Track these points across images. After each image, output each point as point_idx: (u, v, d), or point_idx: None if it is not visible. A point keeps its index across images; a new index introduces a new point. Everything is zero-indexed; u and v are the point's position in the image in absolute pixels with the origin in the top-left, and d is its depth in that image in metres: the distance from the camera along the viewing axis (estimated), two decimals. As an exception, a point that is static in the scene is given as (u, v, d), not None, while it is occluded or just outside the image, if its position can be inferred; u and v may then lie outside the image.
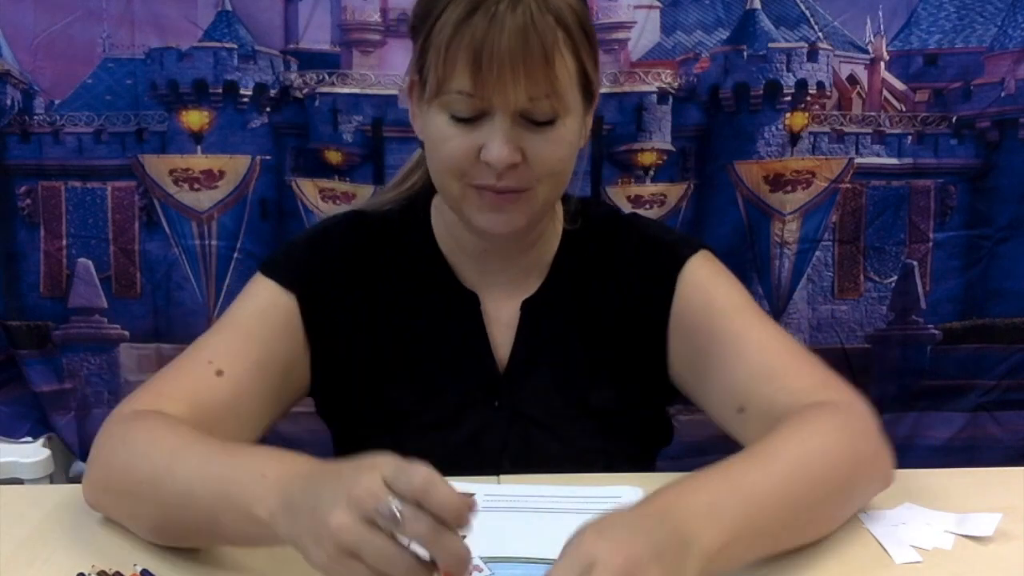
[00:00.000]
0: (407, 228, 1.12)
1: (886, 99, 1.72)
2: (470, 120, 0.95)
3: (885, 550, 0.89)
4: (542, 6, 0.92)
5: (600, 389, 1.10)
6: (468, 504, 0.69)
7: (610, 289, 1.11)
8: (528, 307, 1.10)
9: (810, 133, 1.72)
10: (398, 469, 0.70)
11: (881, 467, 0.96)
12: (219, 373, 1.00)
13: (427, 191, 1.11)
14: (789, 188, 1.73)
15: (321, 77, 1.71)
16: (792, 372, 1.01)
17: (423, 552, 0.69)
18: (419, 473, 0.68)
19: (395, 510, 0.67)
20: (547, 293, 1.11)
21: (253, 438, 1.04)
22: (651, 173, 1.74)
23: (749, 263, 1.75)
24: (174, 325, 1.77)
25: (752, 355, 1.02)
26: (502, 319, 1.10)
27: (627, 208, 1.74)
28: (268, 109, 1.73)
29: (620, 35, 1.70)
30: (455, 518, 0.68)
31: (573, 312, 1.11)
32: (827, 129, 1.72)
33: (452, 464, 1.03)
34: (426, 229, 1.11)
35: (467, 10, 0.91)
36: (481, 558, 0.86)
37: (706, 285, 1.08)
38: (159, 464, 0.87)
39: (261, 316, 1.05)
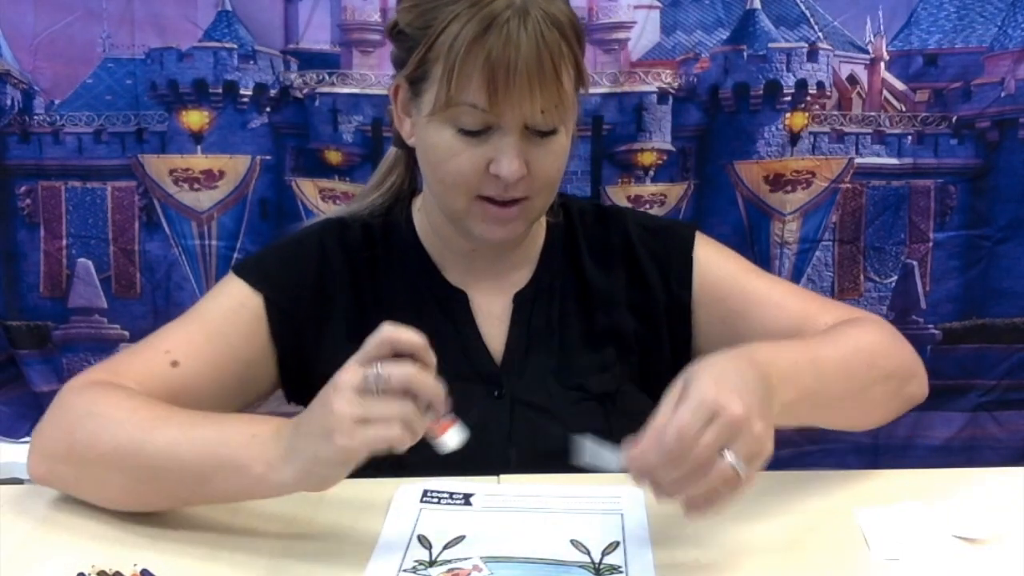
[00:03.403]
0: (390, 231, 1.13)
1: (886, 99, 1.72)
2: (477, 133, 0.97)
3: (868, 545, 0.89)
4: (548, 20, 0.94)
5: (599, 372, 1.11)
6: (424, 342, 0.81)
7: (614, 275, 1.13)
8: (520, 298, 1.12)
9: (810, 133, 1.72)
10: (362, 349, 0.81)
11: (918, 371, 1.08)
12: (174, 364, 1.02)
13: (407, 193, 1.14)
14: (789, 188, 1.73)
15: (321, 77, 1.72)
16: (827, 309, 1.12)
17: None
18: (379, 333, 0.81)
19: (378, 370, 0.79)
20: (538, 283, 1.13)
21: None
22: (651, 173, 1.74)
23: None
24: (174, 325, 1.77)
25: (790, 303, 1.12)
26: (494, 313, 1.12)
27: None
28: (268, 109, 1.73)
29: (620, 35, 1.70)
30: (423, 354, 0.81)
31: (569, 299, 1.13)
32: (827, 129, 1.72)
33: (456, 456, 1.04)
34: (410, 231, 1.13)
35: (481, 27, 0.93)
36: (481, 558, 0.86)
37: (719, 258, 1.16)
38: (135, 432, 0.90)
39: (226, 314, 1.07)
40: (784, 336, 1.08)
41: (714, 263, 1.14)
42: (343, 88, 1.71)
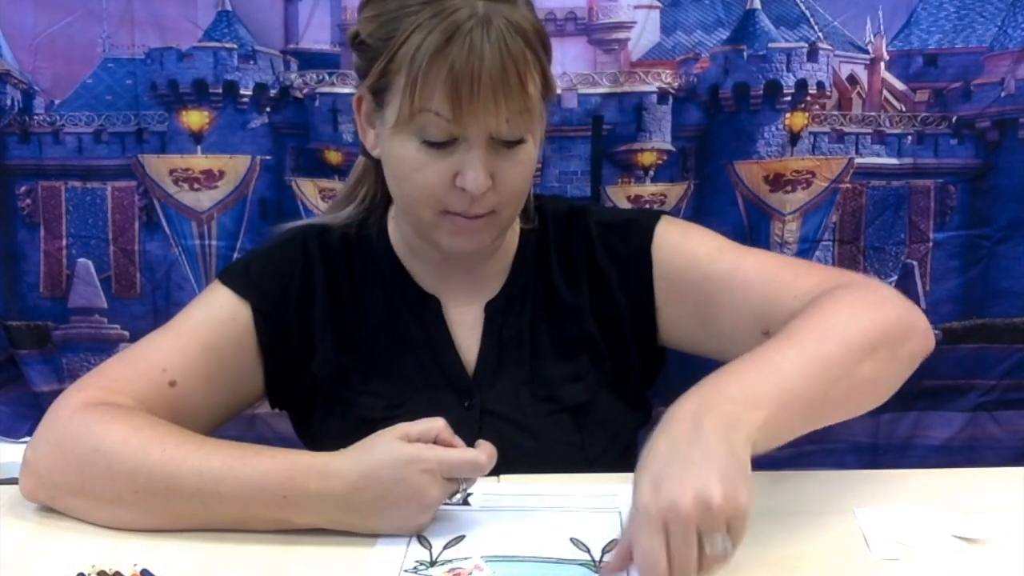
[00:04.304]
0: (365, 240, 1.13)
1: (886, 99, 1.72)
2: (442, 145, 0.96)
3: (868, 545, 0.89)
4: (511, 28, 0.93)
5: (571, 383, 1.11)
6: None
7: (577, 281, 1.13)
8: (491, 309, 1.11)
9: (810, 133, 1.72)
10: (414, 428, 0.89)
11: (913, 325, 0.97)
12: (172, 384, 1.03)
13: (380, 203, 1.13)
14: (789, 188, 1.73)
15: (321, 77, 1.71)
16: (799, 278, 1.03)
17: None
18: (434, 424, 0.90)
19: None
20: (510, 293, 1.12)
21: None
22: (651, 173, 1.73)
23: (749, 263, 1.75)
24: (174, 325, 1.77)
25: (754, 281, 1.05)
26: (466, 322, 1.11)
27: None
28: (268, 109, 1.73)
29: (620, 35, 1.70)
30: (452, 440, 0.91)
31: (539, 309, 1.13)
32: (827, 129, 1.72)
33: None
34: (383, 239, 1.13)
35: (443, 38, 0.91)
36: (482, 557, 0.86)
37: (682, 244, 1.11)
38: (162, 468, 0.91)
39: (218, 327, 1.07)
40: (756, 319, 1.04)
41: (677, 253, 1.10)
42: (343, 88, 1.71)
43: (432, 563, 0.86)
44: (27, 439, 1.78)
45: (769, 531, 0.91)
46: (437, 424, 0.90)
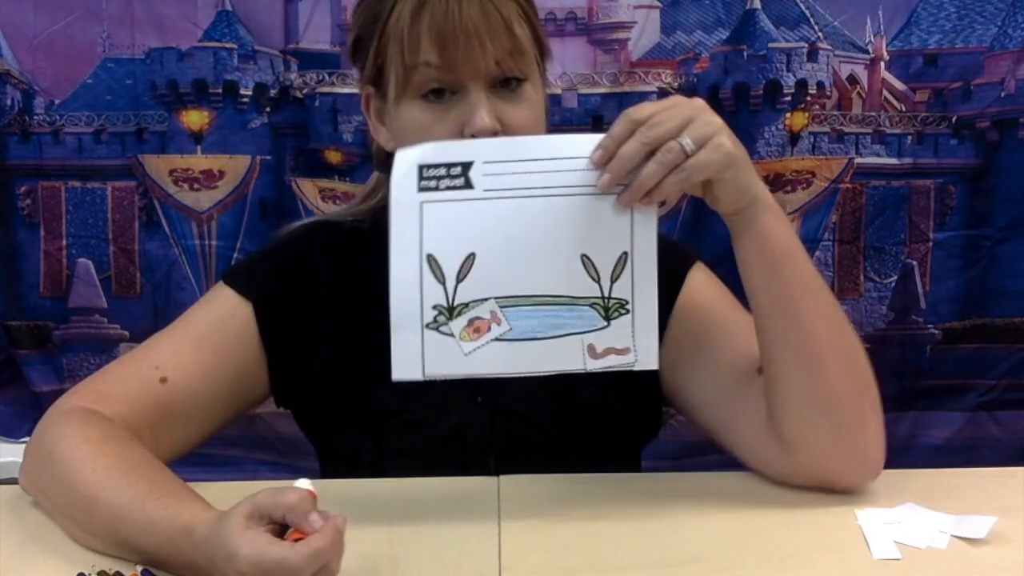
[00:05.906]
0: (376, 235, 1.11)
1: (886, 99, 1.72)
2: (443, 99, 0.97)
3: (868, 545, 0.89)
4: None
5: (588, 383, 1.10)
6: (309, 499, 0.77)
7: None
8: None
9: (810, 133, 1.72)
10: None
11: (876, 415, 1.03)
12: (163, 380, 1.01)
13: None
14: (789, 188, 1.73)
15: (321, 77, 1.71)
16: None
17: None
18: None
19: None
20: None
21: (198, 441, 1.06)
22: (651, 173, 1.73)
23: (749, 263, 1.75)
24: (174, 325, 1.77)
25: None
26: None
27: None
28: (268, 109, 1.73)
29: (620, 35, 1.70)
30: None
31: None
32: (827, 129, 1.72)
33: (437, 460, 1.04)
34: None
35: (419, 0, 0.95)
36: (496, 301, 0.88)
37: (710, 283, 1.13)
38: (85, 488, 0.89)
39: (215, 323, 1.06)
40: (745, 363, 1.05)
41: (704, 287, 1.13)
42: (343, 88, 1.71)
43: (450, 310, 0.88)
44: (27, 439, 1.79)
45: (769, 531, 0.91)
46: (287, 500, 0.77)
